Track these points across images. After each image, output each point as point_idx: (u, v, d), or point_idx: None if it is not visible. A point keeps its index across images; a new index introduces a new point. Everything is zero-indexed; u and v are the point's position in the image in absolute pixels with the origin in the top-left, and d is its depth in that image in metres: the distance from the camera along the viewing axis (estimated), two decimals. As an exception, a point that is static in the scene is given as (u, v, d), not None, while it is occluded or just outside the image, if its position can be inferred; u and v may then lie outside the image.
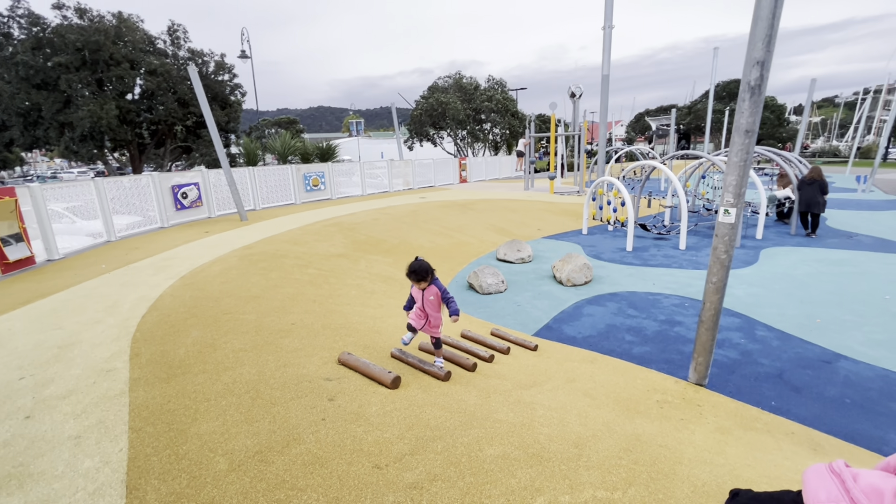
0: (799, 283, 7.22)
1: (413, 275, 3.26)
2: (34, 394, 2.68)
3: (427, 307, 3.38)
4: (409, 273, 3.28)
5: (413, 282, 3.31)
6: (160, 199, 10.05)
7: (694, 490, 2.08)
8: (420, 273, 3.25)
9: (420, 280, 3.26)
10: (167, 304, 4.48)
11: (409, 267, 3.29)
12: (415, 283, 3.32)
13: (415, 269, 3.27)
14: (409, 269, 3.29)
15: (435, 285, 3.33)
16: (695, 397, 4.02)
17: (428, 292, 3.33)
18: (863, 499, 0.81)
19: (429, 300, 3.35)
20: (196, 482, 1.88)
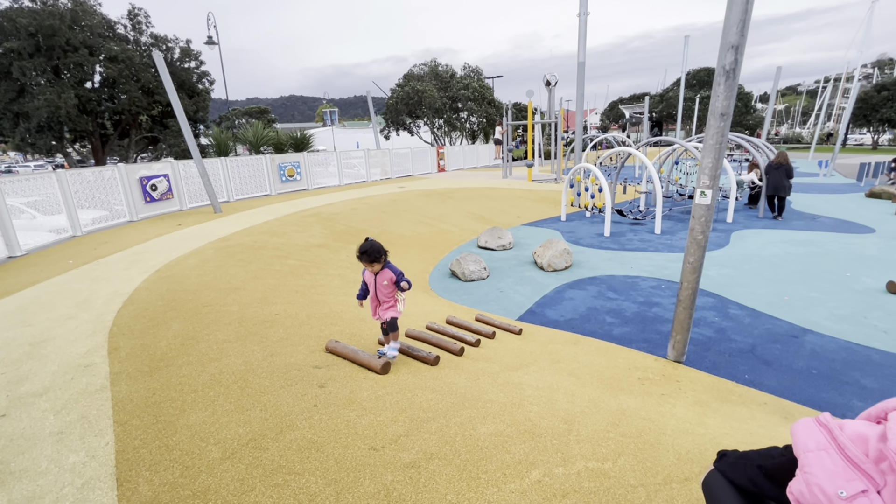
0: (767, 263, 7.53)
1: (364, 256, 2.92)
2: (7, 392, 2.57)
3: (380, 293, 3.04)
4: (361, 254, 2.93)
5: (365, 264, 2.97)
6: (128, 192, 9.65)
7: (679, 458, 2.17)
8: (372, 254, 2.91)
9: (372, 262, 2.92)
10: (143, 297, 4.34)
11: (360, 248, 2.94)
12: (366, 267, 2.98)
13: (366, 249, 2.92)
14: (360, 251, 2.93)
15: (389, 269, 3.01)
16: (674, 373, 4.17)
17: (381, 277, 2.99)
18: (849, 444, 0.87)
19: (382, 286, 3.01)
20: (189, 471, 1.85)
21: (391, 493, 1.72)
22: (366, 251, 2.93)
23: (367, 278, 3.08)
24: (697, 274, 4.07)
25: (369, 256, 2.92)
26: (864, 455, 0.85)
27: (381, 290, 3.03)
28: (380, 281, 3.01)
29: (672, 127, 46.11)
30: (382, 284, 3.01)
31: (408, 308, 5.23)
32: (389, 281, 3.01)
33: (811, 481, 0.88)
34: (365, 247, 2.94)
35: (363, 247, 2.94)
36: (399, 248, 8.54)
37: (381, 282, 3.01)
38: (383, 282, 3.00)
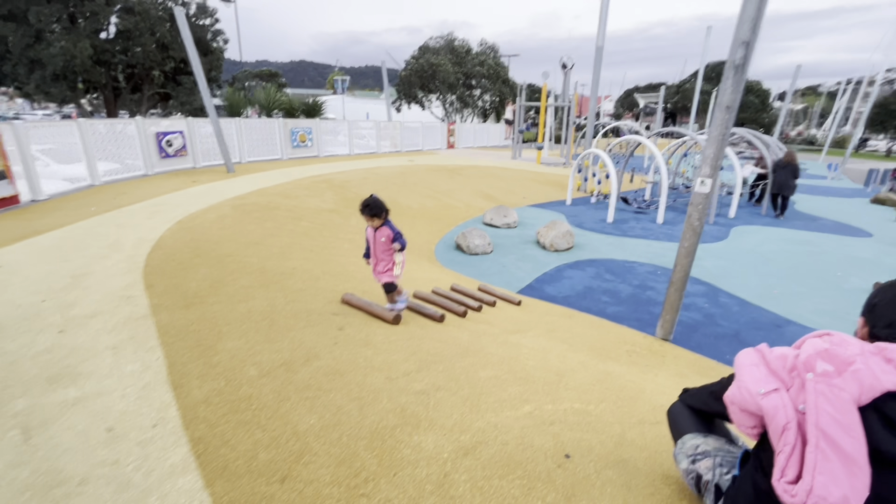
0: (763, 258, 7.78)
1: (366, 209, 3.09)
2: (61, 313, 2.88)
3: (378, 250, 3.23)
4: (363, 208, 3.10)
5: (366, 218, 3.13)
6: (144, 146, 9.84)
7: (653, 408, 2.48)
8: (373, 208, 3.08)
9: (373, 216, 3.09)
10: (169, 244, 4.63)
11: (363, 202, 3.10)
12: (367, 221, 3.15)
13: (368, 203, 3.09)
14: (363, 204, 3.09)
15: (388, 226, 3.18)
16: (660, 349, 4.49)
17: (380, 233, 3.18)
18: (773, 360, 1.15)
19: (380, 242, 3.20)
20: (232, 383, 2.16)
21: (406, 410, 2.03)
22: (368, 205, 3.09)
23: (368, 234, 3.26)
24: (691, 258, 4.33)
25: (371, 210, 3.08)
26: (781, 367, 1.13)
27: (378, 246, 3.20)
28: (378, 237, 3.18)
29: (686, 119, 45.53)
30: (380, 241, 3.18)
31: (415, 274, 5.54)
32: (387, 238, 3.17)
33: (741, 386, 1.16)
34: (368, 201, 3.10)
35: (366, 200, 3.11)
36: (407, 220, 8.79)
37: (378, 238, 3.18)
38: (381, 238, 3.18)
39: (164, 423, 1.86)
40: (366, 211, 3.11)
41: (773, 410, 1.07)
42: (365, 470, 1.64)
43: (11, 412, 1.92)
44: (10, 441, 1.75)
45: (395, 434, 1.85)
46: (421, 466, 1.67)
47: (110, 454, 1.69)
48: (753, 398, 1.11)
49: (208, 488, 1.53)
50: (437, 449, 1.77)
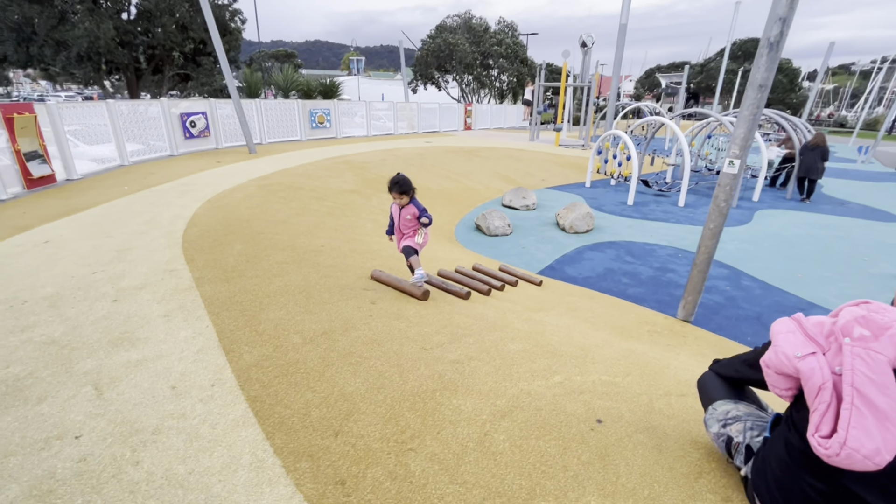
0: (787, 242, 7.67)
1: (396, 186, 3.18)
2: (112, 284, 3.05)
3: (403, 226, 3.36)
4: (392, 185, 3.20)
5: (395, 195, 3.22)
6: (170, 127, 10.03)
7: (678, 382, 2.55)
8: (402, 185, 3.18)
9: (402, 193, 3.19)
10: (203, 222, 4.79)
11: (392, 179, 3.21)
12: (396, 198, 3.24)
13: (398, 180, 3.19)
14: (392, 181, 3.20)
15: (413, 204, 3.29)
16: (681, 330, 4.53)
17: (406, 210, 3.29)
18: (810, 326, 1.21)
19: (405, 219, 3.31)
20: (279, 350, 2.30)
21: (443, 376, 2.15)
22: (397, 182, 3.19)
23: (394, 211, 3.37)
24: (716, 240, 4.32)
25: (400, 187, 3.18)
26: (818, 333, 1.19)
27: (404, 223, 3.33)
28: (404, 214, 3.30)
29: (710, 100, 44.14)
30: (406, 218, 3.30)
31: (437, 254, 5.63)
32: (413, 215, 3.28)
33: (778, 350, 1.23)
34: (397, 178, 3.21)
35: (395, 178, 3.22)
36: (426, 200, 8.77)
37: (404, 215, 3.30)
38: (406, 216, 3.29)
39: (221, 384, 2.01)
40: (394, 188, 3.19)
41: (809, 372, 1.13)
42: (410, 428, 1.76)
43: (82, 370, 2.09)
44: (86, 395, 1.92)
45: (436, 397, 1.97)
46: (462, 426, 1.78)
47: (177, 409, 1.84)
48: (790, 361, 1.18)
49: (269, 440, 1.67)
50: (476, 411, 1.88)
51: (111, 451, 1.61)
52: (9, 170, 6.38)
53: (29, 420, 1.76)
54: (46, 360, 2.17)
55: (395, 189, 3.20)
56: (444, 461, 1.60)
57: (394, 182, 3.20)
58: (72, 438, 1.67)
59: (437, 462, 1.59)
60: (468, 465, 1.58)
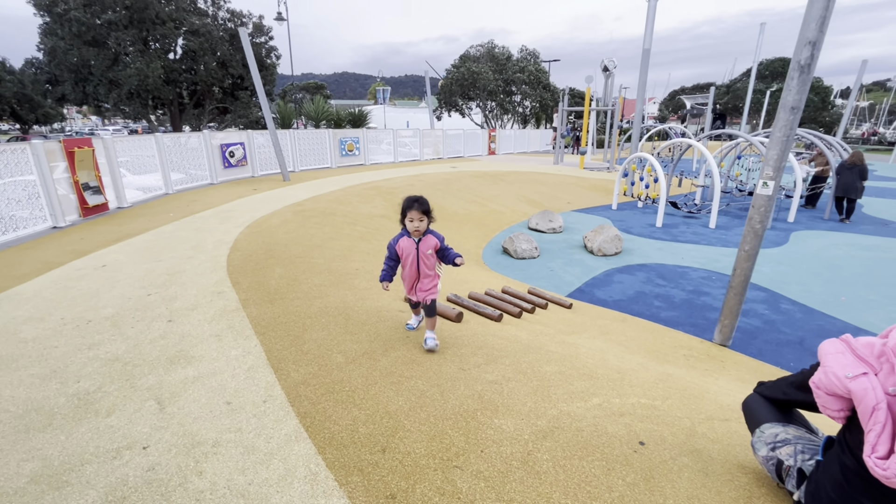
0: (827, 264, 7.39)
1: (416, 204, 2.48)
2: (166, 305, 3.25)
3: (423, 264, 2.58)
4: (411, 203, 2.50)
5: (415, 215, 2.49)
6: (210, 157, 10.62)
7: (720, 407, 2.51)
8: (424, 203, 2.50)
9: (424, 212, 2.49)
10: (244, 246, 5.04)
11: (408, 198, 2.53)
12: (415, 219, 2.49)
13: (417, 198, 2.52)
14: (410, 199, 2.51)
15: (433, 234, 2.59)
16: (719, 354, 4.41)
17: (425, 244, 2.56)
18: (859, 347, 1.22)
19: (426, 255, 2.56)
20: (324, 369, 2.40)
21: (483, 396, 2.19)
22: (417, 199, 2.50)
23: (405, 247, 2.59)
24: (752, 262, 4.25)
25: (421, 205, 2.48)
26: (869, 354, 1.20)
27: (424, 260, 2.57)
28: (423, 250, 2.56)
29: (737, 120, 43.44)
30: (426, 254, 2.56)
31: (466, 277, 5.71)
32: (434, 249, 2.58)
33: (828, 371, 1.23)
34: (415, 196, 2.52)
35: (413, 196, 2.53)
36: (453, 224, 9.01)
37: (424, 250, 2.56)
38: (427, 250, 2.56)
39: (272, 400, 2.12)
40: (415, 206, 2.48)
41: (862, 392, 1.14)
42: (454, 446, 1.81)
43: (145, 386, 2.24)
44: (150, 409, 2.05)
45: (477, 416, 2.01)
46: (505, 445, 1.82)
47: (233, 423, 1.95)
48: (841, 381, 1.19)
49: (321, 454, 1.75)
50: (518, 431, 1.92)
51: (176, 461, 1.72)
52: (67, 199, 6.89)
53: (101, 431, 1.90)
54: (112, 375, 2.33)
55: (415, 208, 2.48)
56: (489, 479, 1.63)
57: (412, 200, 2.51)
58: (140, 449, 1.79)
59: (483, 479, 1.63)
60: (514, 484, 1.61)
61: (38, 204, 6.27)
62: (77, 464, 1.71)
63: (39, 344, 2.68)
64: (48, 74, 16.97)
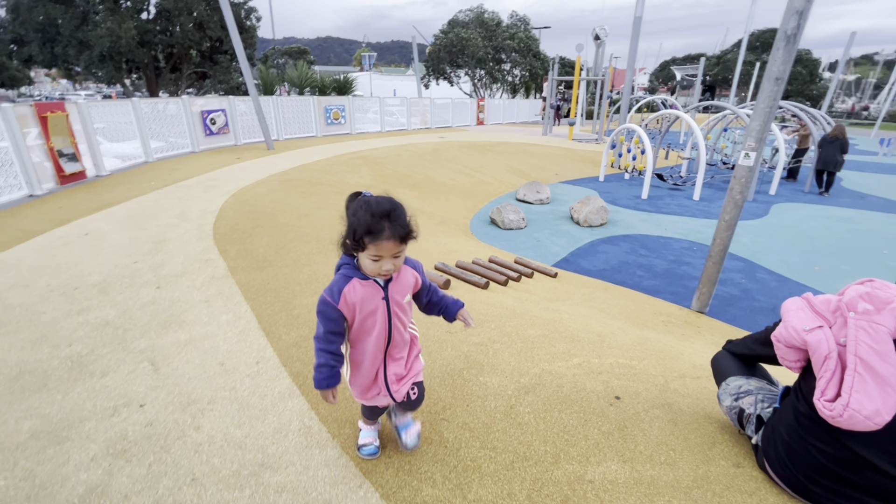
0: (804, 235, 7.63)
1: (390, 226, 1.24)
2: (153, 273, 3.25)
3: (397, 323, 1.41)
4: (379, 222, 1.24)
5: (389, 246, 1.25)
6: (191, 124, 10.30)
7: (693, 366, 2.65)
8: (403, 222, 1.28)
9: (404, 238, 1.28)
10: (230, 215, 4.99)
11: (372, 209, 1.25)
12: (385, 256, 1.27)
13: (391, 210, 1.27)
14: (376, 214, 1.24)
15: (410, 265, 1.46)
16: (696, 321, 4.60)
17: (398, 286, 1.40)
18: (817, 303, 1.31)
19: (400, 306, 1.41)
20: (313, 333, 2.46)
21: (469, 356, 2.29)
22: (392, 211, 1.26)
23: (360, 300, 1.35)
24: (731, 231, 4.38)
25: (402, 227, 1.26)
26: (825, 309, 1.30)
27: (398, 315, 1.41)
28: (396, 296, 1.38)
29: (726, 93, 43.33)
30: (401, 303, 1.41)
31: (454, 247, 5.77)
32: (412, 290, 1.46)
33: (788, 325, 1.33)
34: (389, 205, 1.28)
35: (382, 204, 1.27)
36: (441, 195, 9.00)
37: (398, 298, 1.39)
38: (402, 297, 1.41)
39: (264, 361, 2.18)
40: (388, 231, 1.24)
41: (816, 343, 1.24)
42: (441, 401, 1.91)
43: (138, 349, 2.28)
44: (144, 370, 2.10)
45: (463, 375, 2.11)
46: (489, 399, 1.92)
47: (227, 382, 2.01)
48: (799, 334, 1.29)
49: (314, 409, 1.83)
50: (502, 387, 2.02)
51: (174, 417, 1.78)
52: (42, 167, 6.67)
53: (96, 391, 1.95)
54: (104, 339, 2.36)
55: (386, 233, 1.24)
56: (474, 429, 1.74)
57: (382, 214, 1.25)
58: (137, 406, 1.85)
59: (469, 430, 1.74)
60: (497, 434, 1.72)
61: (11, 171, 6.07)
62: (76, 421, 1.77)
63: (27, 310, 2.68)
64: (13, 34, 16.01)
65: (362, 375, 1.45)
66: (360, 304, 1.34)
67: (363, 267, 1.32)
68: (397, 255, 1.28)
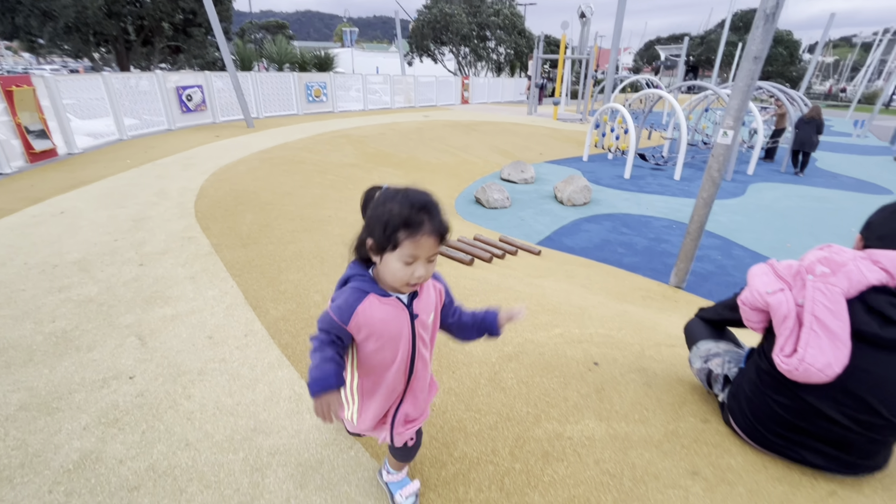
0: (779, 214, 7.88)
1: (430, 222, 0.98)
2: (135, 250, 3.21)
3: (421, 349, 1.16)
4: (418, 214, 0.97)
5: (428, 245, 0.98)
6: (166, 101, 9.95)
7: (668, 336, 2.78)
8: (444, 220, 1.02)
9: (442, 239, 1.02)
10: (211, 193, 4.91)
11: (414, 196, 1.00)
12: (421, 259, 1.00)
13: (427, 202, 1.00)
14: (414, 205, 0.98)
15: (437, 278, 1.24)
16: (673, 295, 4.76)
17: (423, 303, 1.13)
18: (780, 268, 1.40)
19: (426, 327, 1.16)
20: (302, 306, 2.49)
21: (454, 327, 2.36)
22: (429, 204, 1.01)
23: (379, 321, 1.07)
24: (708, 209, 4.50)
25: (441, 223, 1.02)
26: (787, 273, 1.39)
27: (423, 338, 1.17)
28: (422, 314, 1.14)
29: (708, 73, 43.60)
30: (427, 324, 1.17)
31: (439, 224, 5.80)
32: (436, 308, 1.22)
33: (752, 289, 1.42)
34: (427, 196, 1.02)
35: (420, 195, 1.02)
36: (426, 174, 8.96)
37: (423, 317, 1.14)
38: (428, 316, 1.16)
39: (253, 334, 2.21)
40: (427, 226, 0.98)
41: (777, 304, 1.33)
42: (428, 369, 1.98)
43: (124, 324, 2.28)
44: (131, 344, 2.11)
45: (448, 344, 2.17)
46: (474, 367, 2.00)
47: (216, 354, 2.04)
48: (762, 297, 1.38)
49: (303, 378, 1.88)
50: (486, 355, 2.10)
51: (164, 388, 1.81)
52: (10, 144, 6.41)
53: (84, 364, 1.96)
54: (88, 315, 2.35)
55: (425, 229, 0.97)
56: (459, 394, 1.81)
57: (420, 206, 0.98)
58: (126, 378, 1.87)
59: (454, 395, 1.81)
60: (481, 397, 1.80)
61: (-23, 148, 5.82)
62: (65, 393, 1.78)
63: (5, 287, 2.64)
64: (-32, 2, 15.05)
65: (372, 410, 1.17)
66: (378, 328, 1.05)
67: (387, 275, 1.02)
68: (432, 258, 1.02)
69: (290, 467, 1.45)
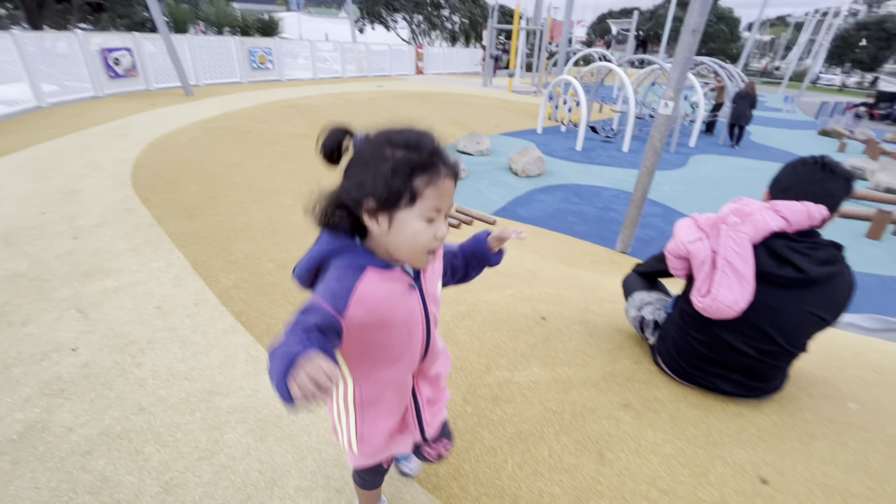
0: (716, 184, 8.45)
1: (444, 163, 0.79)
2: (67, 224, 3.01)
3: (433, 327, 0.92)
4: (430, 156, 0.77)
5: (447, 186, 0.79)
6: (90, 64, 9.06)
7: (611, 293, 2.98)
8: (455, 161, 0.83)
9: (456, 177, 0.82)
10: (150, 164, 4.62)
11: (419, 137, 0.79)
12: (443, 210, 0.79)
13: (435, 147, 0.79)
14: (426, 148, 0.77)
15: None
16: (619, 260, 5.06)
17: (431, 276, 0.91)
18: (701, 220, 1.56)
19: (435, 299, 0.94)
20: (255, 275, 2.46)
21: (410, 290, 2.42)
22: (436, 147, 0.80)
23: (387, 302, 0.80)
24: (650, 177, 4.77)
25: (454, 165, 0.82)
26: (706, 225, 1.55)
27: (435, 308, 0.93)
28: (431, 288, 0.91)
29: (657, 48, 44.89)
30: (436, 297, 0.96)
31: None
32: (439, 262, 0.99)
33: (676, 239, 1.58)
34: (431, 136, 0.82)
35: (427, 136, 0.81)
36: (381, 146, 8.81)
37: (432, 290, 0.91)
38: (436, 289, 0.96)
39: (204, 303, 2.17)
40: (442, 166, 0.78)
41: (696, 251, 1.49)
42: (384, 329, 2.04)
43: (61, 297, 2.16)
44: (71, 317, 2.02)
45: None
46: (429, 325, 2.08)
47: (166, 324, 2.00)
48: (685, 245, 1.53)
49: (260, 342, 1.89)
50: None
51: (111, 357, 1.77)
52: None
53: (20, 339, 1.86)
54: (19, 290, 2.21)
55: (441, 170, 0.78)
56: (415, 350, 1.90)
57: (431, 151, 0.78)
58: (69, 350, 1.80)
59: (410, 351, 1.89)
60: (436, 352, 1.89)
61: None
62: (1, 368, 1.70)
63: (-83, 265, 2.41)
64: None
65: (383, 418, 0.90)
66: (385, 312, 0.79)
67: (400, 242, 0.77)
68: (455, 181, 0.80)
69: (249, 423, 1.48)
